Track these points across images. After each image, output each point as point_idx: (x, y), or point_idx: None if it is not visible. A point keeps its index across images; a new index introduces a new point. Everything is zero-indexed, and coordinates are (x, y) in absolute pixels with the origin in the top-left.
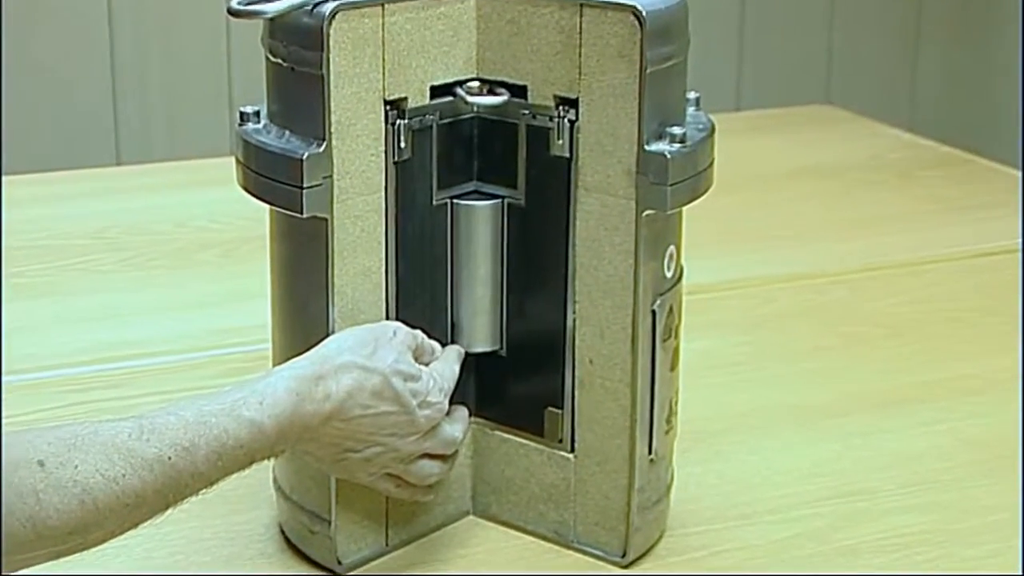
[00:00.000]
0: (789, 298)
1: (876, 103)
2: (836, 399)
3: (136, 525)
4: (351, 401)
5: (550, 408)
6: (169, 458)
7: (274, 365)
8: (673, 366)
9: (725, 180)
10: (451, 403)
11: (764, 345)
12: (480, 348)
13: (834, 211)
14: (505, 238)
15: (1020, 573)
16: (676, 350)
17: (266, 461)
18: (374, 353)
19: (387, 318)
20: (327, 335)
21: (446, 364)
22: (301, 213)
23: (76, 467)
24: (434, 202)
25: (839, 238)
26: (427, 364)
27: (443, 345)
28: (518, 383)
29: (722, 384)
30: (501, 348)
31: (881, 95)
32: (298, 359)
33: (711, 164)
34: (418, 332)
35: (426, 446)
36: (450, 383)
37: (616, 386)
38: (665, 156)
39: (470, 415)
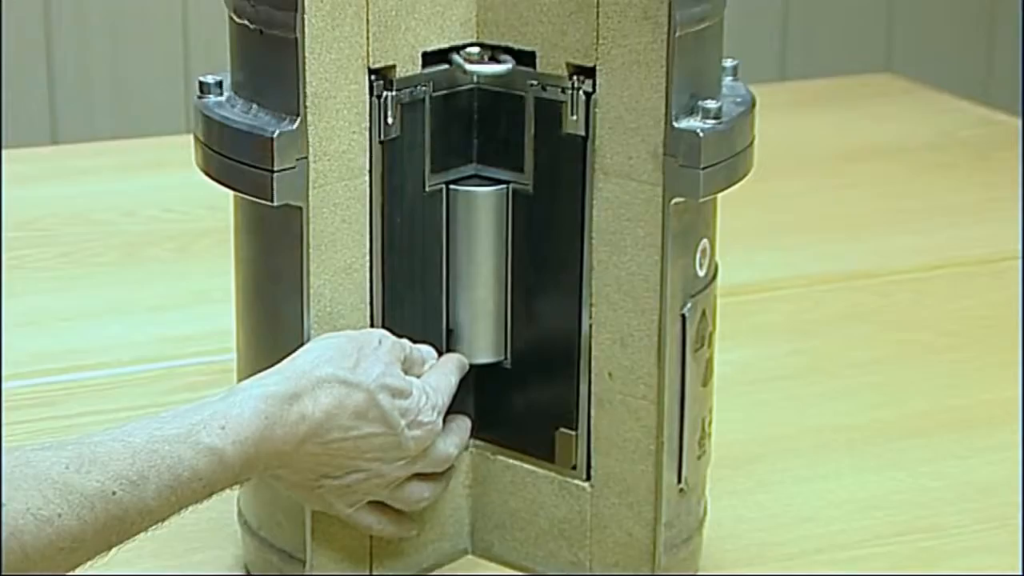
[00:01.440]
0: (842, 301)
1: (945, 72)
2: (898, 419)
3: (73, 569)
4: (330, 422)
5: (562, 429)
6: (113, 493)
7: (239, 379)
8: (706, 380)
9: (767, 163)
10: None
11: (813, 356)
12: (481, 359)
13: (895, 199)
14: (510, 230)
15: (1020, 573)
16: (709, 361)
17: (229, 491)
18: (357, 365)
19: (372, 324)
20: (302, 344)
21: (441, 376)
22: (271, 201)
23: (3, 505)
24: (427, 188)
25: (901, 230)
26: (418, 376)
27: (439, 353)
28: (524, 400)
29: (764, 402)
30: (505, 359)
31: (951, 62)
32: (268, 373)
33: (751, 144)
34: (406, 342)
35: (415, 468)
36: (445, 398)
37: (639, 403)
38: (697, 134)
39: (471, 429)
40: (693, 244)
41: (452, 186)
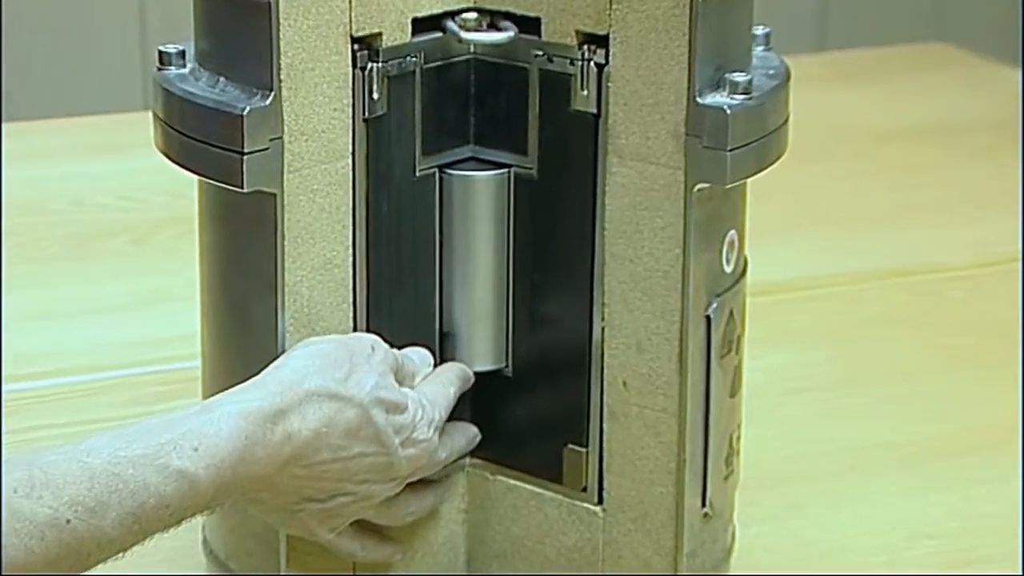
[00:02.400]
0: (887, 301)
1: (1002, 41)
2: (949, 435)
3: None
4: (319, 442)
5: (571, 446)
6: (68, 521)
7: (204, 387)
8: (734, 391)
9: (802, 143)
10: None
11: (852, 363)
12: (479, 366)
13: (946, 185)
14: (511, 220)
15: (1020, 573)
16: (738, 369)
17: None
18: (349, 376)
19: (355, 326)
20: (277, 350)
21: (438, 387)
22: (241, 187)
23: None
24: (418, 172)
25: (952, 221)
26: (412, 387)
27: (439, 359)
28: (528, 412)
29: (798, 415)
30: (506, 366)
31: (1008, 31)
32: (248, 386)
33: (785, 122)
34: (396, 351)
35: (404, 484)
36: (442, 413)
37: (658, 416)
38: (723, 111)
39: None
40: (719, 236)
41: (446, 170)
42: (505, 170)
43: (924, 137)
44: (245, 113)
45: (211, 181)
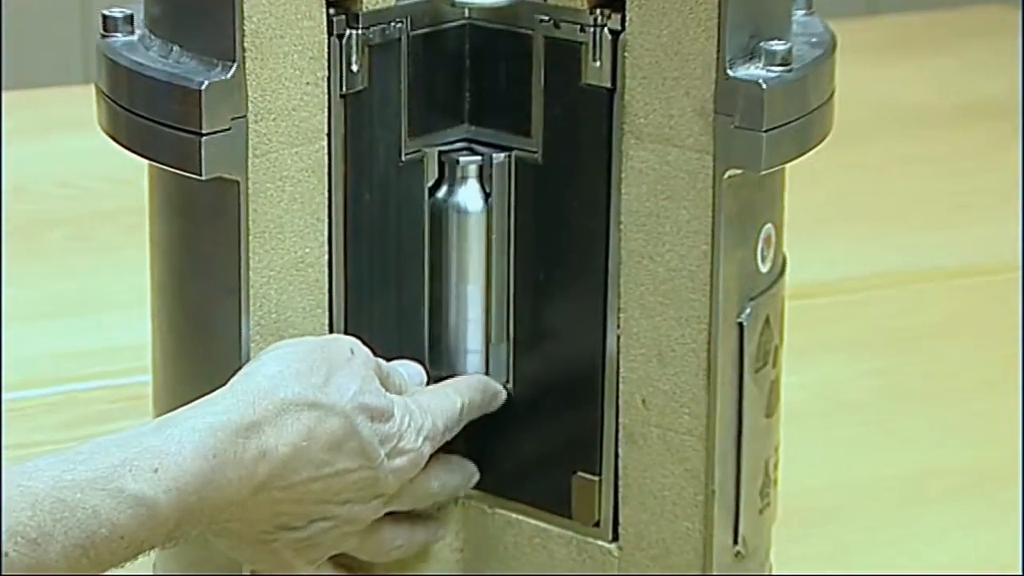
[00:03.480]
0: (945, 305)
1: None
2: (1014, 459)
3: None
4: (299, 459)
5: (581, 473)
6: (7, 554)
7: (156, 406)
8: (770, 410)
9: (850, 124)
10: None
11: (907, 377)
12: None
13: (1011, 171)
14: (512, 212)
15: (1020, 573)
16: (775, 385)
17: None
18: (328, 382)
19: (332, 333)
20: (240, 361)
21: (438, 397)
22: (199, 173)
23: None
24: (404, 157)
25: (1017, 213)
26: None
27: (429, 373)
28: (532, 435)
29: (844, 437)
30: (507, 381)
31: None
32: (215, 397)
33: (829, 98)
34: (378, 360)
35: (390, 506)
36: (438, 423)
37: (682, 440)
38: (759, 86)
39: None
40: (753, 230)
41: (437, 154)
42: (505, 154)
43: (985, 115)
44: (203, 88)
45: (164, 167)
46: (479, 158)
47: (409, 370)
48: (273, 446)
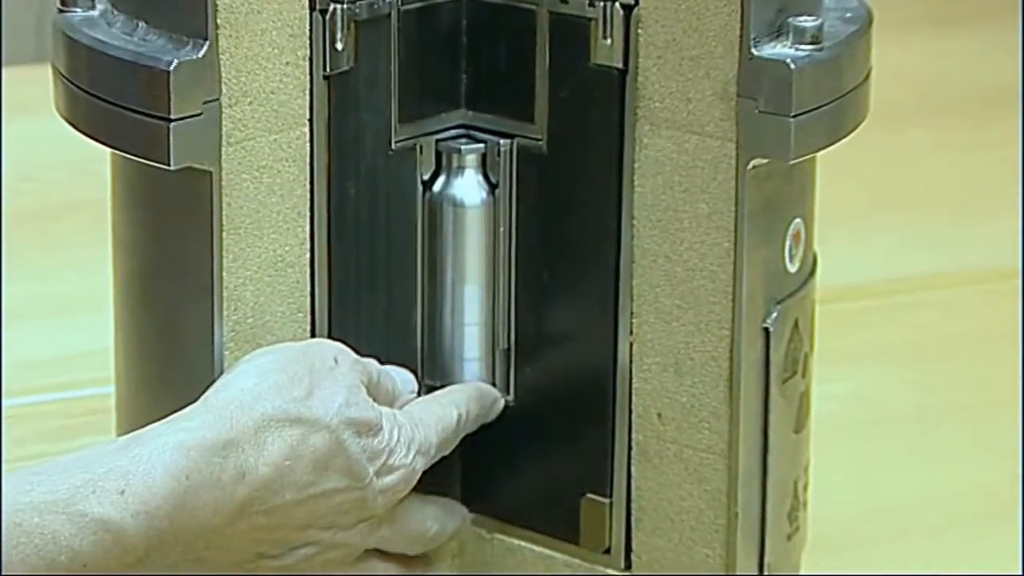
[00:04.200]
0: (992, 310)
1: None
2: None
3: None
4: (282, 479)
5: (589, 495)
6: None
7: (120, 421)
8: (799, 425)
9: (889, 107)
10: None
11: (953, 388)
12: None
13: None
14: (514, 206)
15: (1020, 573)
16: (804, 397)
17: None
18: (311, 393)
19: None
20: (213, 372)
21: (431, 408)
22: (167, 163)
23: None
24: (394, 145)
25: None
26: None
27: (422, 384)
28: (536, 453)
29: (883, 454)
30: (507, 394)
31: None
32: (187, 413)
33: (865, 79)
34: (371, 363)
35: (379, 536)
36: (431, 436)
37: (702, 458)
38: (787, 66)
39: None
40: (781, 226)
41: (430, 143)
42: (506, 142)
43: None
44: (172, 68)
45: (128, 156)
46: (479, 146)
47: (401, 377)
48: (253, 466)
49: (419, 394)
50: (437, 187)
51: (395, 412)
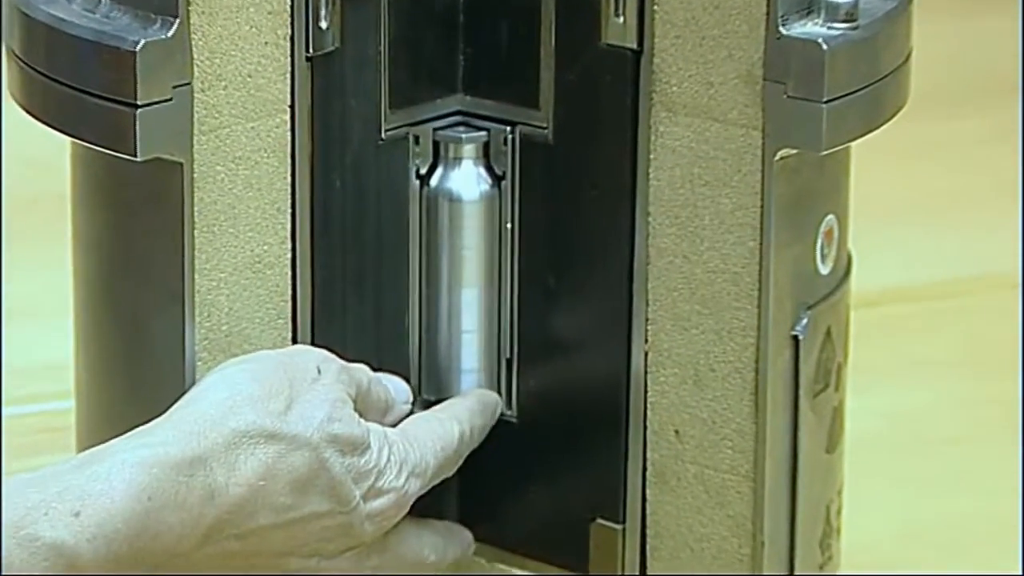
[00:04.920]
0: None
1: None
2: None
3: None
4: (255, 501)
5: (600, 520)
6: None
7: (81, 438)
8: (832, 444)
9: (931, 93)
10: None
11: (1004, 405)
12: None
13: None
14: (517, 201)
15: (1020, 573)
16: (838, 413)
17: None
18: (291, 407)
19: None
20: (184, 383)
21: (428, 423)
22: (134, 155)
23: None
24: (385, 133)
25: None
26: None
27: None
28: (541, 474)
29: (925, 476)
30: (508, 409)
31: None
32: (152, 428)
33: (905, 62)
34: (360, 368)
35: (369, 566)
36: (427, 456)
37: (724, 480)
38: (818, 46)
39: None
40: (812, 224)
41: (424, 131)
42: (508, 130)
43: None
44: (138, 49)
45: (90, 146)
46: (481, 134)
47: (395, 386)
48: (223, 485)
49: (414, 404)
50: (432, 180)
51: (385, 429)
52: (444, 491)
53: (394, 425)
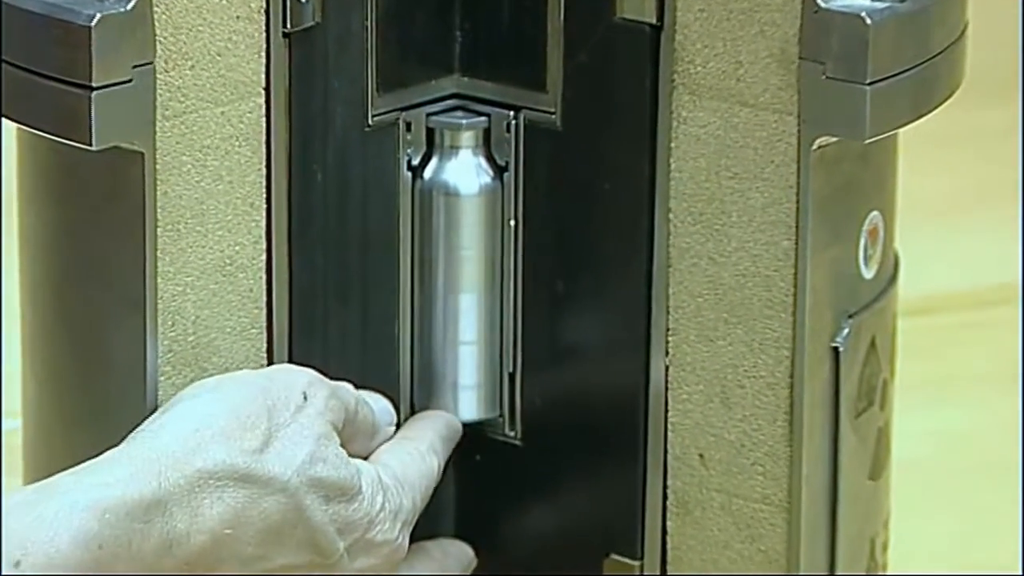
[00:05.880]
0: None
1: None
2: None
3: None
4: (220, 551)
5: (615, 557)
6: None
7: (28, 465)
8: (877, 469)
9: (989, 74)
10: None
11: None
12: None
13: None
14: (521, 196)
15: (1020, 573)
16: (883, 435)
17: None
18: (268, 444)
19: (271, 363)
20: (145, 403)
21: (411, 457)
22: (89, 144)
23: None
24: (371, 119)
25: None
26: (366, 456)
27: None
28: (548, 503)
29: (984, 505)
30: (510, 428)
31: None
32: (105, 463)
33: (959, 38)
34: (345, 388)
35: None
36: (417, 497)
37: (755, 510)
38: (861, 20)
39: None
40: (854, 222)
41: (417, 117)
42: (511, 115)
43: None
44: (93, 24)
45: (40, 133)
46: (481, 119)
47: (379, 405)
48: (183, 533)
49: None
50: (426, 172)
51: (378, 471)
52: (438, 522)
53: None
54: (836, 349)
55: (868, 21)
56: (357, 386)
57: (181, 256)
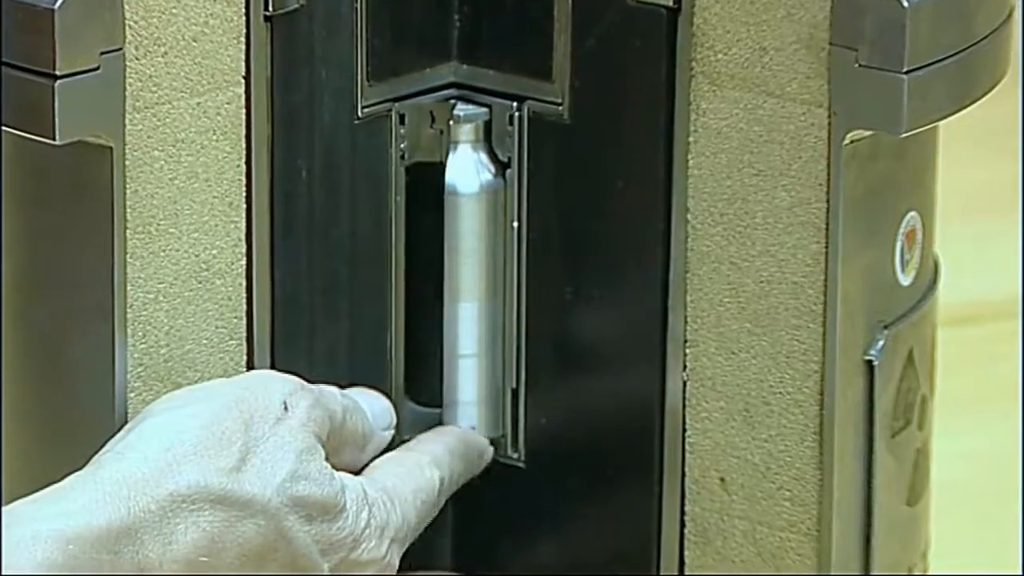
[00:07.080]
0: None
1: None
2: None
3: None
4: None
5: None
6: None
7: None
8: (915, 494)
9: None
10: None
11: None
12: None
13: None
14: (525, 193)
15: (1020, 573)
16: (922, 456)
17: None
18: (245, 461)
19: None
20: (115, 418)
21: (406, 469)
22: (52, 137)
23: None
24: (361, 111)
25: None
26: (359, 466)
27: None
28: (554, 529)
29: None
30: (513, 449)
31: None
32: (70, 488)
33: (1004, 23)
34: (331, 393)
35: None
36: (410, 515)
37: (781, 540)
38: (899, 4)
39: None
40: (890, 223)
41: (415, 107)
42: (514, 106)
43: None
44: (57, 7)
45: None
46: (481, 111)
47: (373, 408)
48: (154, 563)
49: (396, 433)
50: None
51: (364, 485)
52: (433, 553)
53: (374, 457)
54: (870, 363)
55: (905, 3)
56: (351, 385)
57: (153, 260)
